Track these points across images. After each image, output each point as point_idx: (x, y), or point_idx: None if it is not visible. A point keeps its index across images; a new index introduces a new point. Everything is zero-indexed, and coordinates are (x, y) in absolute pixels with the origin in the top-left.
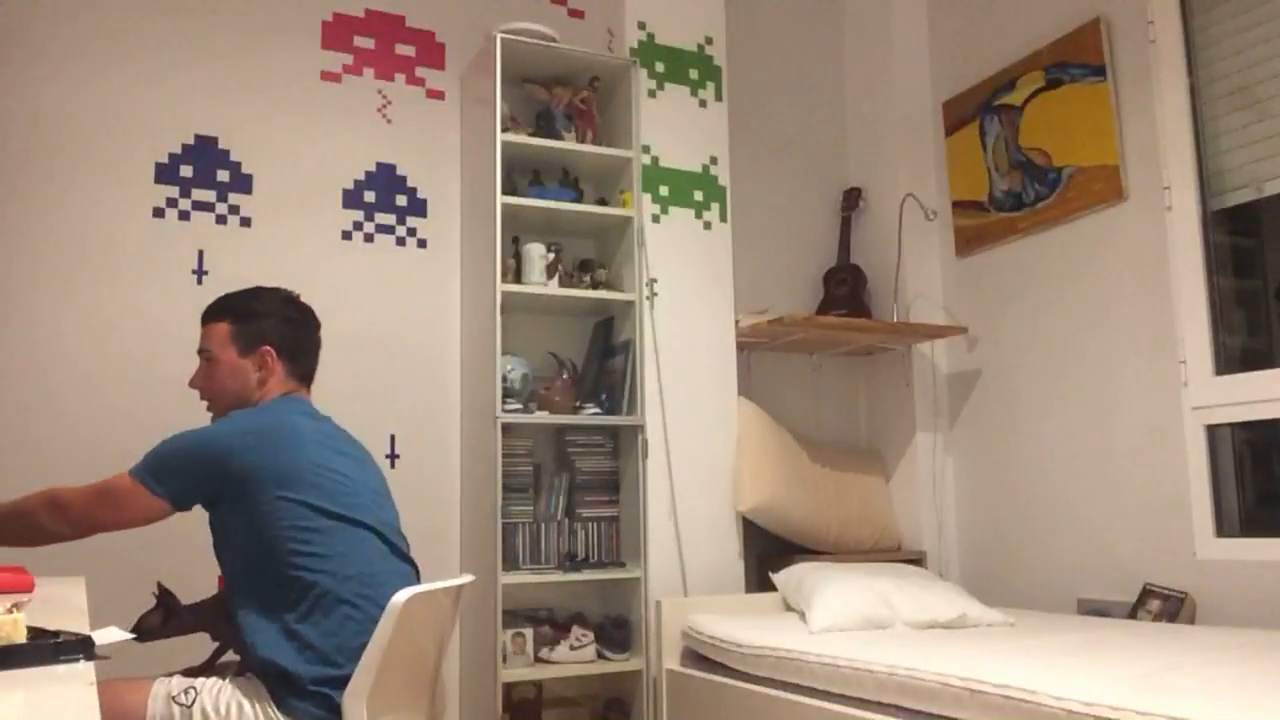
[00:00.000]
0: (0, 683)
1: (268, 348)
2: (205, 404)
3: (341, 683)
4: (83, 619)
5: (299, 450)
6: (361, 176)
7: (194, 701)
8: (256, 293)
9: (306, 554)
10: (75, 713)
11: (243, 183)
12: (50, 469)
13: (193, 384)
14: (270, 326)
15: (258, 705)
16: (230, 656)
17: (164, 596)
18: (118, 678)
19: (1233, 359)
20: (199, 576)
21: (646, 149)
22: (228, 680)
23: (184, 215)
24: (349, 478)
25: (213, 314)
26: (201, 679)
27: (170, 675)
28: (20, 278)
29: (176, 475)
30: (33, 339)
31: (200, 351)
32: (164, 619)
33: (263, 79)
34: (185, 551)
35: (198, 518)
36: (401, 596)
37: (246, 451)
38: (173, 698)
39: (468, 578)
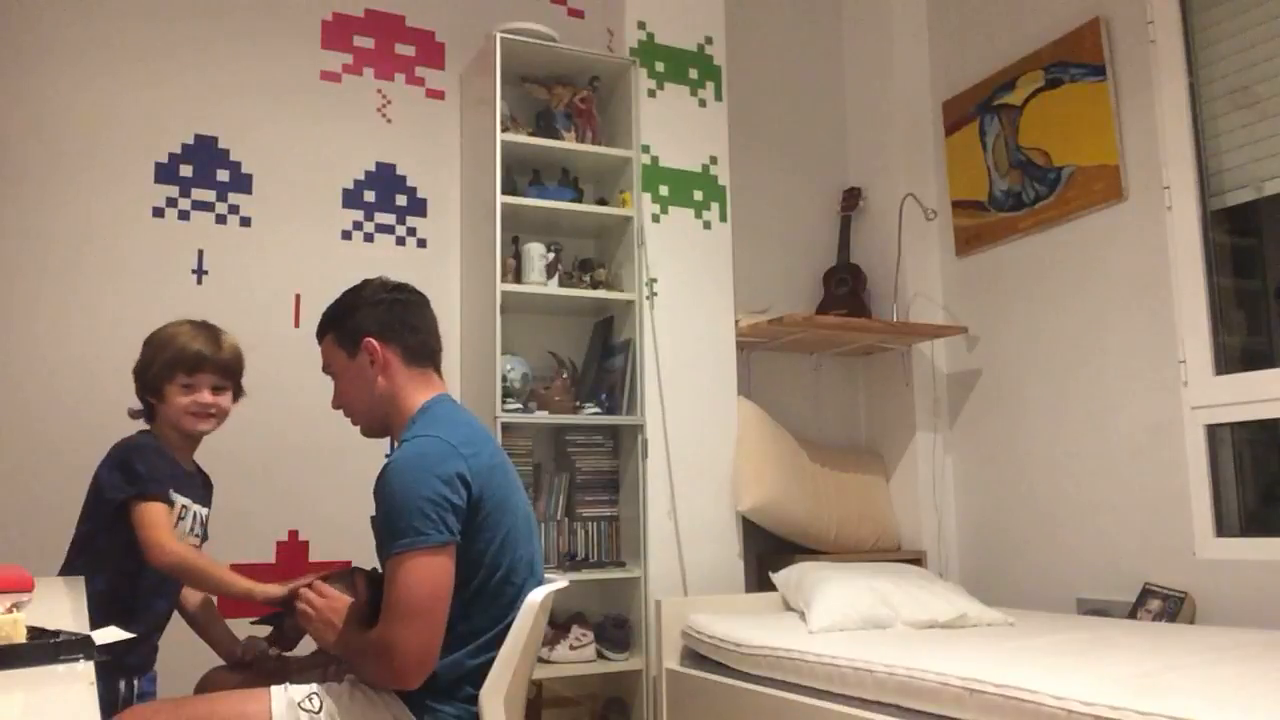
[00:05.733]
0: (0, 683)
1: (367, 338)
2: (350, 421)
3: (473, 678)
4: (83, 619)
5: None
6: (361, 176)
7: (321, 708)
8: (350, 291)
9: (492, 552)
10: (75, 713)
11: (243, 182)
12: (51, 469)
13: (334, 405)
14: (362, 317)
15: (389, 707)
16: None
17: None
18: (231, 690)
19: (1233, 359)
20: None
21: (646, 149)
22: (350, 684)
23: (184, 215)
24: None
25: (319, 331)
26: (327, 684)
27: (284, 684)
28: (21, 277)
29: (439, 520)
30: (33, 338)
31: (324, 370)
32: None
33: (262, 79)
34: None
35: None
36: (538, 595)
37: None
38: (298, 704)
39: (563, 582)
